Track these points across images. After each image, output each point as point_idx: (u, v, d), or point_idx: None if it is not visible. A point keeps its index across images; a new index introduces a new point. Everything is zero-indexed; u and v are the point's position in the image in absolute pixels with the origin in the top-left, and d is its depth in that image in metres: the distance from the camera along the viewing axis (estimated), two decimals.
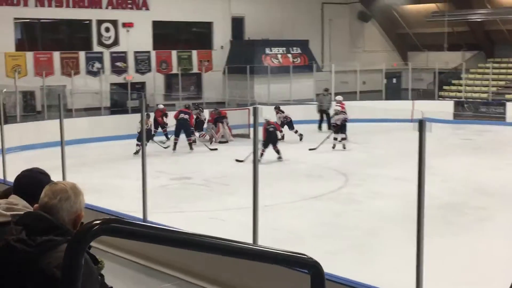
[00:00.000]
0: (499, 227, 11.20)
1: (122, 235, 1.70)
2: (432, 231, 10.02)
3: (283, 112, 21.77)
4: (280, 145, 18.33)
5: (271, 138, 17.90)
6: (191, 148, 20.00)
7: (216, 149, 20.36)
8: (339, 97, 22.74)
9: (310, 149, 19.33)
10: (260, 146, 17.12)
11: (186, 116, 20.39)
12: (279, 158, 17.72)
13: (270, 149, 17.76)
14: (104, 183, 14.95)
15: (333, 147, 19.57)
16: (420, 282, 5.50)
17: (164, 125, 21.82)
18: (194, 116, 21.35)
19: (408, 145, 14.49)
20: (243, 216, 9.48)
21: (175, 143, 20.05)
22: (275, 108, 21.69)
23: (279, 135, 19.63)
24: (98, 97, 25.38)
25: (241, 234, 8.24)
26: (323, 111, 24.66)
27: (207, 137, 21.49)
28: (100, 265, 2.53)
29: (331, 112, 22.40)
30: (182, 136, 19.95)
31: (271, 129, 17.96)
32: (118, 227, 1.66)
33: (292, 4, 30.53)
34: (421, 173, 5.28)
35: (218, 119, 21.80)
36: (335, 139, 19.77)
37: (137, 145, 18.50)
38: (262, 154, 17.20)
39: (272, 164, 16.79)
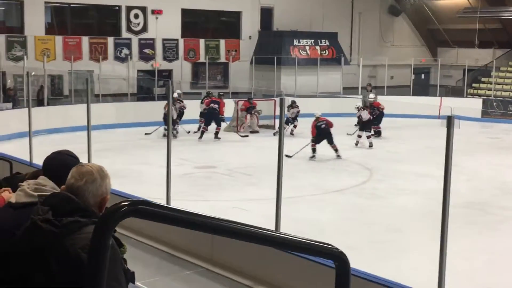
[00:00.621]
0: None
1: (150, 217, 1.69)
2: (456, 230, 9.92)
3: (297, 107, 21.30)
4: (299, 138, 18.17)
5: (324, 134, 17.12)
6: (217, 137, 20.04)
7: (247, 135, 20.80)
8: (372, 95, 22.23)
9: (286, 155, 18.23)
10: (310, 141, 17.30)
11: (216, 106, 20.45)
12: (338, 156, 17.11)
13: (321, 145, 17.39)
14: (128, 168, 15.04)
15: (356, 144, 19.29)
16: (442, 281, 5.45)
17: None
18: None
19: (435, 142, 14.38)
20: (266, 207, 9.48)
21: (203, 132, 20.11)
22: (289, 105, 20.88)
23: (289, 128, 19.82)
24: (125, 83, 25.53)
25: (263, 224, 8.22)
26: (366, 107, 24.23)
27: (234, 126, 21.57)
28: (123, 249, 2.53)
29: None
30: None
31: (323, 125, 17.15)
32: (146, 209, 1.66)
33: None
34: (448, 170, 5.22)
35: (250, 109, 21.78)
36: (359, 136, 19.50)
37: (165, 129, 18.74)
38: (314, 150, 17.06)
39: (297, 157, 16.73)
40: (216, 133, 20.19)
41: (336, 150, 17.13)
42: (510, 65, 30.44)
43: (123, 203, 1.63)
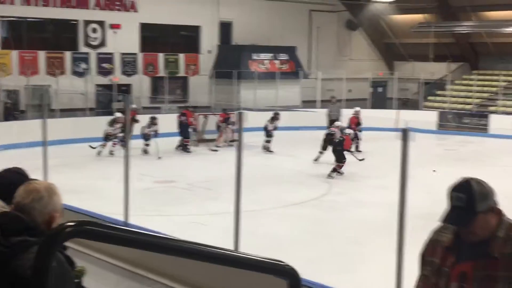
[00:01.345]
0: None
1: (97, 238, 1.66)
2: (415, 241, 10.04)
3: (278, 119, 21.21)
4: (264, 153, 18.16)
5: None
6: (186, 150, 20.23)
7: (216, 150, 20.84)
8: (357, 108, 22.34)
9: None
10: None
11: (184, 118, 20.66)
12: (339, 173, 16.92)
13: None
14: (86, 184, 14.85)
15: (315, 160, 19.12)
16: None
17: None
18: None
19: (392, 154, 14.51)
20: (225, 221, 9.43)
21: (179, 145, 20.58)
22: (272, 117, 21.07)
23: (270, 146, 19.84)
24: (83, 98, 25.24)
25: (222, 239, 8.21)
26: (332, 121, 24.21)
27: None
28: (80, 270, 2.48)
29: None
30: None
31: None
32: (92, 229, 1.63)
33: (280, 10, 30.57)
34: (404, 182, 5.28)
35: (227, 120, 21.54)
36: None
37: (101, 145, 19.24)
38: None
39: (256, 170, 16.74)
40: (185, 146, 20.18)
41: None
42: (464, 78, 31.07)
43: (68, 223, 1.60)
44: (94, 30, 26.18)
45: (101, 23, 26.24)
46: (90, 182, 15.20)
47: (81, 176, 15.98)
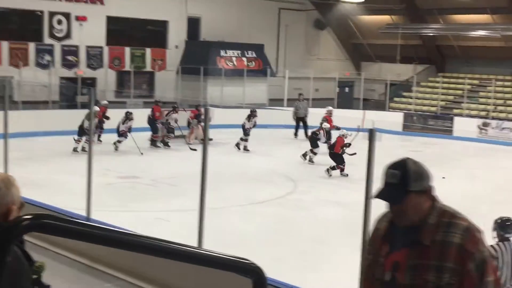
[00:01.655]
0: None
1: (54, 232, 1.58)
2: None
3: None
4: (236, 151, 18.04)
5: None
6: (154, 145, 20.15)
7: (195, 149, 19.00)
8: (330, 108, 22.28)
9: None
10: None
11: (150, 112, 20.67)
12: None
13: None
14: (49, 178, 14.62)
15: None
16: None
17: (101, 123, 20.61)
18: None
19: (358, 154, 14.54)
20: (189, 217, 9.34)
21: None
22: (249, 114, 20.65)
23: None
24: (47, 90, 24.85)
25: (186, 236, 8.12)
26: (299, 118, 24.29)
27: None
28: (39, 266, 2.38)
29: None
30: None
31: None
32: (50, 223, 1.54)
33: (249, 7, 30.51)
34: (369, 182, 5.27)
35: (198, 116, 20.75)
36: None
37: (76, 141, 18.37)
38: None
39: (222, 167, 16.67)
40: (153, 141, 19.99)
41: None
42: (430, 80, 31.40)
43: (25, 216, 1.51)
44: (60, 22, 25.78)
45: (66, 15, 25.84)
46: (52, 176, 14.96)
47: (43, 170, 15.73)
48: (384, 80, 31.13)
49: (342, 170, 16.67)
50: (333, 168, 16.64)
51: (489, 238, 6.20)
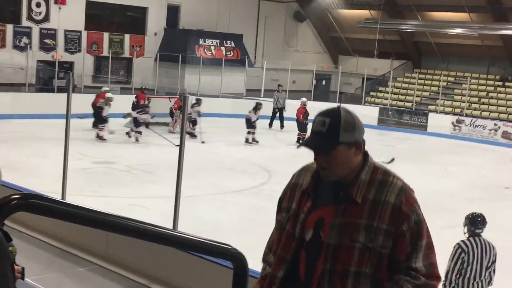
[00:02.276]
0: None
1: (42, 212, 1.64)
2: None
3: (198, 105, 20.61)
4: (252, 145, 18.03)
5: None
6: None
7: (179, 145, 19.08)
8: (304, 99, 22.36)
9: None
10: None
11: (134, 100, 20.67)
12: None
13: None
14: (24, 161, 14.55)
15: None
16: None
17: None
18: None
19: None
20: (164, 205, 9.42)
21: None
22: (194, 103, 20.50)
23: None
24: (24, 73, 24.64)
25: (160, 223, 8.15)
26: (278, 108, 24.41)
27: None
28: (11, 250, 2.43)
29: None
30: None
31: None
32: (37, 203, 1.61)
33: None
34: None
35: (182, 107, 20.50)
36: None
37: (100, 128, 18.84)
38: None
39: (198, 155, 16.72)
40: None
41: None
42: (406, 76, 31.68)
43: (13, 196, 1.57)
44: (38, 5, 25.52)
45: None
46: (27, 159, 14.90)
47: (18, 152, 15.64)
48: (361, 74, 31.35)
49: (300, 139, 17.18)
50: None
51: (461, 234, 6.37)
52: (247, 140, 19.99)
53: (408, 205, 2.44)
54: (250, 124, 20.14)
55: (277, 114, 24.43)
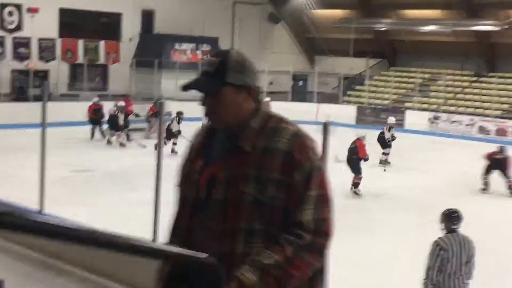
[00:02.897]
0: (391, 231, 11.58)
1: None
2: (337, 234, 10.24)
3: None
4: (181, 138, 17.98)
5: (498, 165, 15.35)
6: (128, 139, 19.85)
7: (145, 146, 18.82)
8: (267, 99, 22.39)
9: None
10: None
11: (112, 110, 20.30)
12: None
13: None
14: (1, 171, 14.38)
15: None
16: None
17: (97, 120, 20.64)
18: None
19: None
20: (144, 211, 9.35)
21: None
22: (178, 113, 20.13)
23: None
24: None
25: (141, 229, 8.12)
26: None
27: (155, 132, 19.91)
28: None
29: None
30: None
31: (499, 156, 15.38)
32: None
33: (204, 1, 30.44)
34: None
35: (158, 114, 20.22)
36: None
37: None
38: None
39: (178, 158, 16.64)
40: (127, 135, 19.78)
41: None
42: (383, 74, 31.88)
43: None
44: (11, 13, 25.30)
45: (18, 6, 25.38)
46: (4, 169, 14.73)
47: None
48: (338, 74, 31.49)
49: (358, 183, 14.83)
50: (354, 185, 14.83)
51: (438, 230, 6.40)
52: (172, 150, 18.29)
53: (302, 152, 2.21)
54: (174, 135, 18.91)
55: None
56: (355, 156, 14.83)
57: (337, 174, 14.79)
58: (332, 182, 2.28)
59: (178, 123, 19.75)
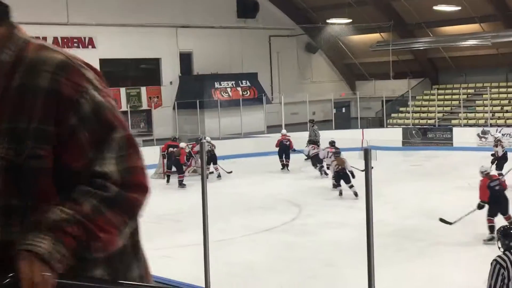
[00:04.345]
0: (451, 251, 11.29)
1: None
2: (387, 259, 10.04)
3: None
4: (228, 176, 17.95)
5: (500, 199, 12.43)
6: (181, 185, 19.59)
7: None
8: (284, 131, 23.13)
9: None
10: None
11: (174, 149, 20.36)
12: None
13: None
14: None
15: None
16: None
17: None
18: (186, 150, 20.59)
19: (359, 174, 14.56)
20: (194, 252, 9.31)
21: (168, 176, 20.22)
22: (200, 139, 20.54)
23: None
24: None
25: (191, 271, 8.10)
26: (312, 142, 24.69)
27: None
28: None
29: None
30: None
31: (497, 187, 12.54)
32: None
33: (240, 37, 30.72)
34: (369, 200, 5.24)
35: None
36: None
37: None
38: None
39: (225, 197, 16.66)
40: (180, 181, 19.77)
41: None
42: (425, 93, 31.51)
43: None
44: None
45: None
46: None
47: None
48: (380, 97, 31.25)
49: None
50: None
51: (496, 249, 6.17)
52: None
53: (73, 85, 1.60)
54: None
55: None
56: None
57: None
58: None
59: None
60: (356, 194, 15.72)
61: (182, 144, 20.50)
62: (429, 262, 10.63)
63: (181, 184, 19.45)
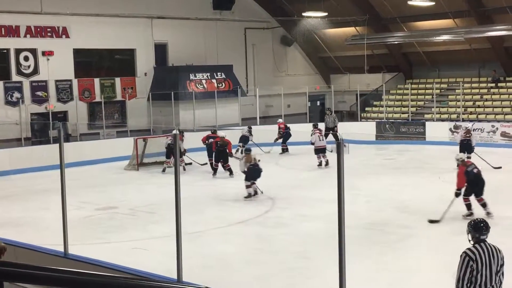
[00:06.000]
0: (422, 244, 11.44)
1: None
2: (359, 251, 10.15)
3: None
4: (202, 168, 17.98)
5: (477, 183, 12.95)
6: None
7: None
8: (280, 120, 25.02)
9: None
10: None
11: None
12: (488, 214, 12.55)
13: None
14: (25, 216, 14.49)
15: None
16: None
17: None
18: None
19: (332, 167, 14.66)
20: (168, 244, 9.33)
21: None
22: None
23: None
24: (18, 127, 24.68)
25: (164, 262, 8.12)
26: (329, 129, 25.39)
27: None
28: None
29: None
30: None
31: (475, 170, 13.03)
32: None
33: (215, 29, 30.66)
34: (340, 194, 5.32)
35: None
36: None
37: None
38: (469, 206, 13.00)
39: (198, 190, 16.66)
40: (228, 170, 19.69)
41: (484, 206, 12.82)
42: (399, 88, 31.76)
43: None
44: (26, 58, 25.65)
45: (33, 51, 25.73)
46: (28, 214, 14.83)
47: (19, 208, 15.57)
48: (354, 91, 31.44)
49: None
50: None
51: (466, 241, 6.29)
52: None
53: None
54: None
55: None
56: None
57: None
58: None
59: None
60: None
61: (221, 133, 20.39)
62: (400, 255, 10.76)
63: (231, 173, 19.28)
